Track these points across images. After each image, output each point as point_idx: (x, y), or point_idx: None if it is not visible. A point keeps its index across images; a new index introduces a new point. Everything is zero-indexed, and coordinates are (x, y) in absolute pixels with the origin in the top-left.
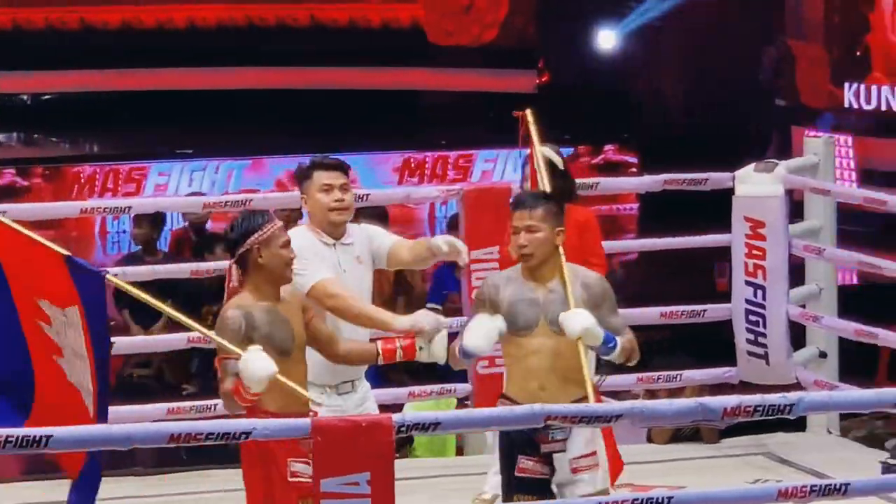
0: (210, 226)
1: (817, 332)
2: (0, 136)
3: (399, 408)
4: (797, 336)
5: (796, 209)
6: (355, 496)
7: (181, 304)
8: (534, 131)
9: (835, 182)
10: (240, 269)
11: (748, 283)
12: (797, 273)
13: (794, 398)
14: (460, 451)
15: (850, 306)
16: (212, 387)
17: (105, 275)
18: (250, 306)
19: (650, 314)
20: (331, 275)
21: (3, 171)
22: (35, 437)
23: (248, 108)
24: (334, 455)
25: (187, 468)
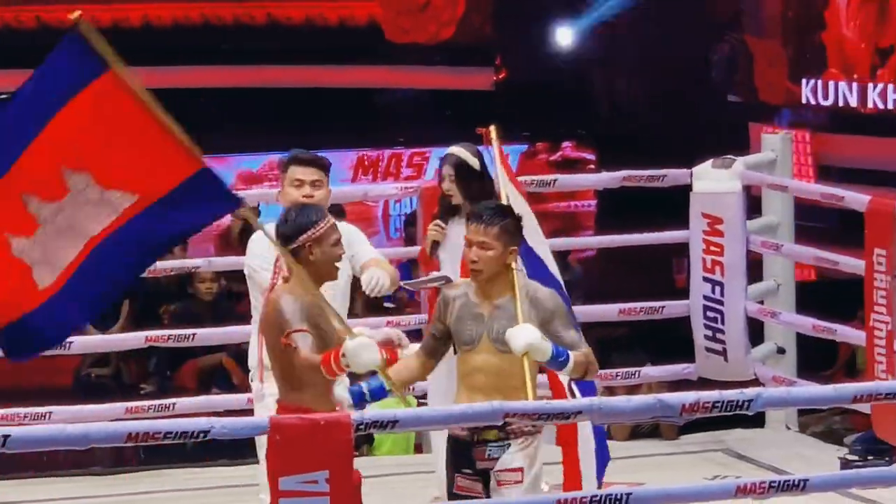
0: None
1: (775, 328)
2: None
3: None
4: (755, 332)
5: (754, 205)
6: (314, 494)
7: (140, 303)
8: (496, 147)
9: (792, 178)
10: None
11: (706, 280)
12: (755, 269)
13: (752, 394)
14: (419, 449)
15: (807, 302)
16: (169, 386)
17: (241, 203)
18: (302, 296)
19: (608, 311)
20: None
21: None
22: None
23: (204, 106)
24: (293, 453)
25: (145, 468)
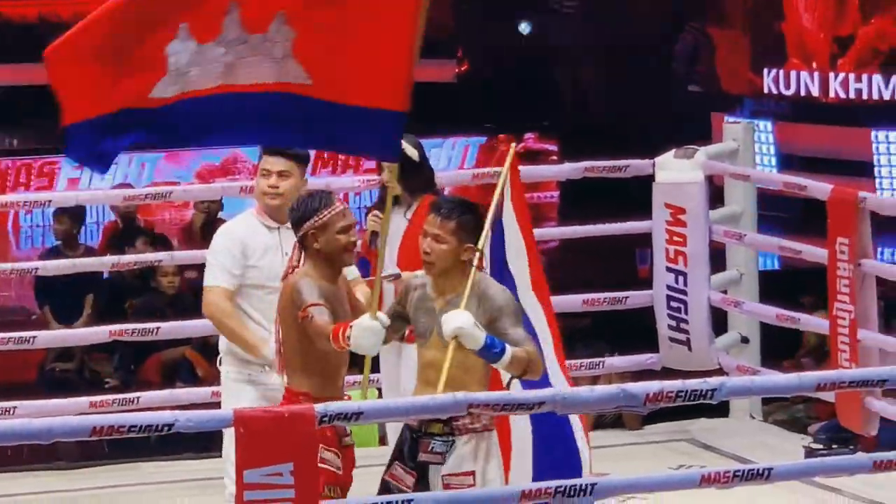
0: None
1: (739, 317)
2: None
3: None
4: (719, 322)
5: (717, 195)
6: (279, 486)
7: (105, 298)
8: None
9: (755, 167)
10: (302, 250)
11: (669, 270)
12: (718, 259)
13: (716, 383)
14: (384, 441)
15: (771, 291)
16: (133, 380)
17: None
18: (317, 279)
19: (572, 301)
20: (229, 283)
21: None
22: None
23: None
24: (257, 446)
25: (110, 462)
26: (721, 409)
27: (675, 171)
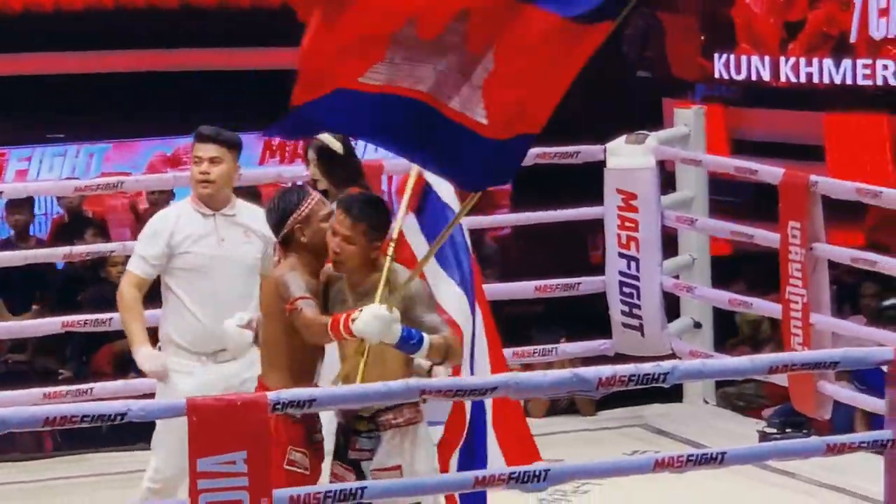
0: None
1: (691, 302)
2: None
3: None
4: (671, 307)
5: (668, 180)
6: (232, 475)
7: (57, 290)
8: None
9: (706, 152)
10: (283, 248)
11: (622, 255)
12: (670, 244)
13: (668, 367)
14: None
15: (723, 276)
16: (86, 371)
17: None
18: (303, 273)
19: (525, 288)
20: (142, 271)
21: None
22: None
23: (118, 91)
24: (210, 434)
25: (63, 453)
26: (675, 395)
27: (627, 157)
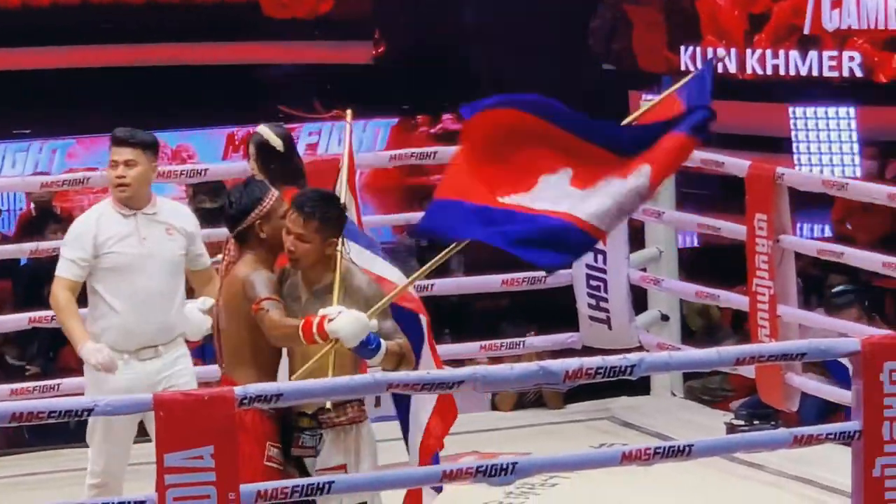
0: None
1: (659, 295)
2: None
3: None
4: (639, 300)
5: None
6: (199, 470)
7: (22, 285)
8: (348, 129)
9: None
10: (239, 243)
11: None
12: (637, 236)
13: (635, 359)
14: None
15: (690, 269)
16: (53, 367)
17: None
18: (266, 271)
19: (491, 281)
20: (73, 274)
21: None
22: None
23: (83, 86)
24: (177, 429)
25: (31, 449)
26: (642, 388)
27: None
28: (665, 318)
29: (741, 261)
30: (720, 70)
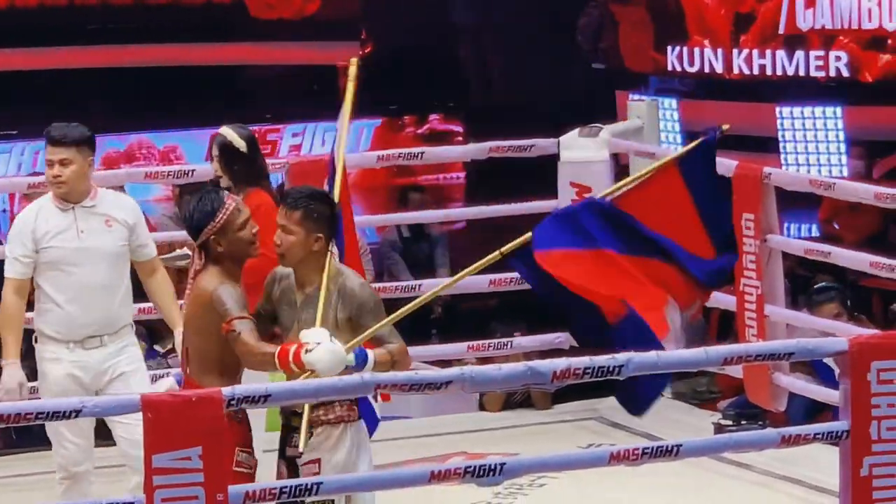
0: None
1: None
2: None
3: None
4: None
5: (622, 173)
6: (188, 471)
7: None
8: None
9: (660, 145)
10: (203, 253)
11: None
12: None
13: (623, 359)
14: None
15: None
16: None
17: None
18: (231, 283)
19: (479, 282)
20: (19, 273)
21: None
22: None
23: (70, 87)
24: (165, 430)
25: (17, 451)
26: None
27: (580, 150)
28: None
29: None
30: (707, 70)
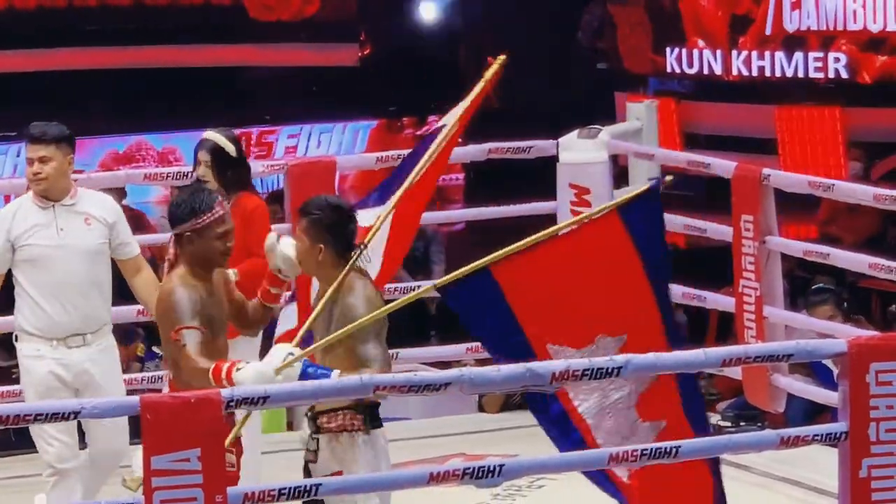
0: None
1: None
2: None
3: None
4: None
5: (621, 174)
6: (186, 472)
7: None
8: (478, 89)
9: (658, 146)
10: (177, 244)
11: None
12: None
13: (622, 360)
14: (290, 427)
15: (677, 270)
16: None
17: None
18: (193, 286)
19: None
20: None
21: None
22: None
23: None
24: (164, 432)
25: (17, 452)
26: None
27: (579, 152)
28: None
29: (727, 262)
30: (706, 72)
